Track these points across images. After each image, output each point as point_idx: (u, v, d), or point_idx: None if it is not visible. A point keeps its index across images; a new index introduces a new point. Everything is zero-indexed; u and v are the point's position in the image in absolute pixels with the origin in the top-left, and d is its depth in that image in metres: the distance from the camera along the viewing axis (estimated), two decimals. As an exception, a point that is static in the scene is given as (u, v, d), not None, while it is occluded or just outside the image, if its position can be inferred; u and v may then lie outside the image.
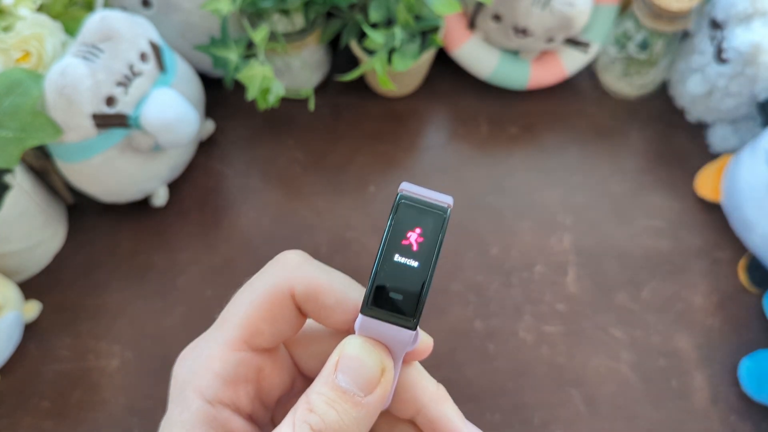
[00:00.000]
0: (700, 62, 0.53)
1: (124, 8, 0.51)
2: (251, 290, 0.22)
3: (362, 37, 0.54)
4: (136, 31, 0.46)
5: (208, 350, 0.21)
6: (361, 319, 0.20)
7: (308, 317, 0.23)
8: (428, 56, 0.54)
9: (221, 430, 0.21)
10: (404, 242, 0.19)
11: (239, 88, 0.55)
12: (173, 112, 0.46)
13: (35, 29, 0.45)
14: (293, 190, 0.55)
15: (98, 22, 0.44)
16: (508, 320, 0.50)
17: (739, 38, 0.48)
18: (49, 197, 0.51)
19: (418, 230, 0.20)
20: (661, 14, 0.50)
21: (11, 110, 0.42)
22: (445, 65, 0.59)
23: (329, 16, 0.55)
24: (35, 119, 0.43)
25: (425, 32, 0.54)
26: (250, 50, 0.52)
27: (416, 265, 0.19)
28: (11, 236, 0.47)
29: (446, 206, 0.20)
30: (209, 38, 0.52)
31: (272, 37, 0.52)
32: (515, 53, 0.57)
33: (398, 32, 0.50)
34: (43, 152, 0.50)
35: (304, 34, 0.53)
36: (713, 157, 0.56)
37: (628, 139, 0.58)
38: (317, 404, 0.19)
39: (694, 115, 0.57)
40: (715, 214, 0.53)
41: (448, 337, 0.49)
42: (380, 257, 0.19)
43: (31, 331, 0.49)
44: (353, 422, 0.19)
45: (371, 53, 0.53)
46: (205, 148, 0.57)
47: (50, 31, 0.46)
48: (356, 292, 0.22)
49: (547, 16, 0.52)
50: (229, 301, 0.23)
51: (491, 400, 0.47)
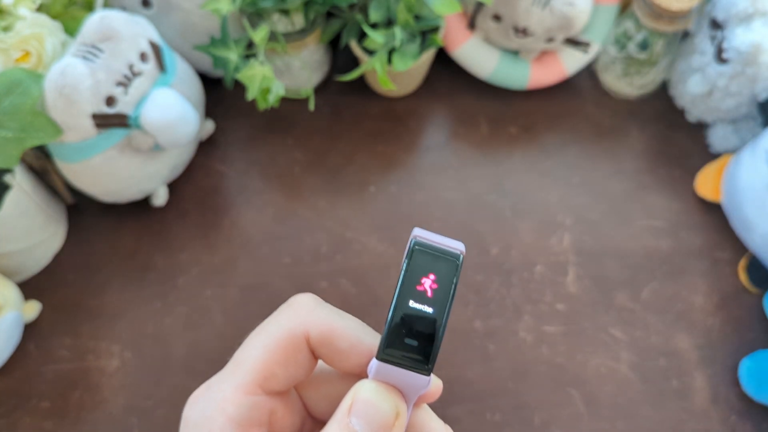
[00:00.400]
0: (700, 62, 0.53)
1: (124, 8, 0.51)
2: (265, 334, 0.22)
3: (362, 37, 0.54)
4: (135, 31, 0.46)
5: (221, 393, 0.21)
6: (376, 364, 0.20)
7: (320, 360, 0.23)
8: (428, 56, 0.54)
9: None
10: (419, 288, 0.20)
11: (239, 88, 0.55)
12: (173, 112, 0.46)
13: (35, 29, 0.45)
14: (293, 190, 0.55)
15: (98, 22, 0.44)
16: (508, 320, 0.50)
17: (739, 38, 0.48)
18: (49, 197, 0.51)
19: (432, 276, 0.20)
20: (661, 14, 0.50)
21: (11, 110, 0.42)
22: (445, 65, 0.59)
23: (329, 16, 0.55)
24: (35, 119, 0.43)
25: (425, 32, 0.54)
26: (250, 50, 0.52)
27: (431, 311, 0.20)
28: (11, 236, 0.47)
29: (459, 253, 0.20)
30: (209, 38, 0.52)
31: (272, 37, 0.52)
32: (515, 53, 0.57)
33: (398, 32, 0.50)
34: (43, 152, 0.50)
35: (304, 34, 0.53)
36: (713, 157, 0.56)
37: (628, 139, 0.58)
38: None
39: (694, 115, 0.57)
40: (715, 214, 0.53)
41: (448, 337, 0.49)
42: (395, 303, 0.20)
43: (30, 331, 0.49)
44: None
45: (371, 53, 0.53)
46: (205, 148, 0.57)
47: (50, 30, 0.46)
48: (369, 336, 0.22)
49: (547, 16, 0.52)
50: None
51: (491, 400, 0.47)
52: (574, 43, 0.55)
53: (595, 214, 0.54)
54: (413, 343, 0.20)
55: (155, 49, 0.47)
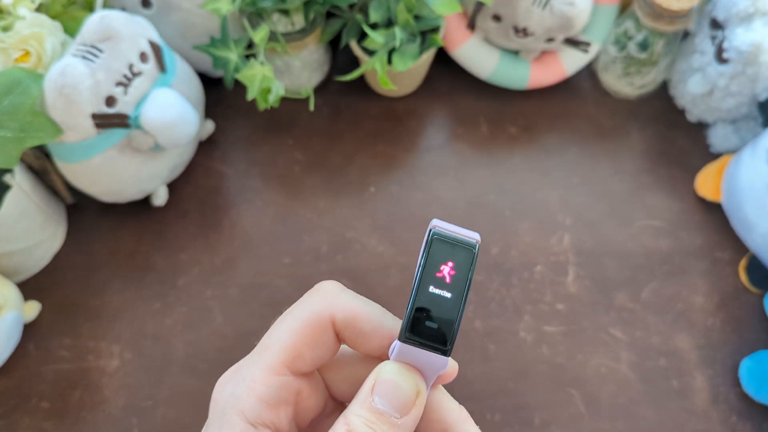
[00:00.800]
0: (700, 62, 0.53)
1: (123, 8, 0.51)
2: (293, 317, 0.23)
3: (362, 37, 0.54)
4: (135, 30, 0.46)
5: (251, 374, 0.23)
6: (398, 345, 0.21)
7: (343, 343, 0.24)
8: (428, 56, 0.54)
9: None
10: (438, 275, 0.21)
11: (239, 88, 0.55)
12: (173, 112, 0.46)
13: (34, 29, 0.45)
14: (293, 190, 0.55)
15: (98, 22, 0.44)
16: (508, 320, 0.50)
17: (739, 38, 0.48)
18: (48, 197, 0.51)
19: (450, 263, 0.21)
20: (661, 14, 0.50)
21: (11, 110, 0.42)
22: (445, 65, 0.59)
23: (329, 15, 0.55)
24: (35, 119, 0.43)
25: (425, 32, 0.54)
26: (250, 50, 0.52)
27: (450, 296, 0.21)
28: (11, 236, 0.47)
29: (475, 242, 0.22)
30: (209, 38, 0.52)
31: (272, 37, 0.52)
32: (515, 53, 0.57)
33: (398, 32, 0.50)
34: (43, 152, 0.50)
35: (304, 34, 0.53)
36: (714, 157, 0.56)
37: (628, 139, 0.58)
38: (356, 425, 0.21)
39: (694, 114, 0.57)
40: (715, 214, 0.53)
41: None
42: (416, 288, 0.21)
43: (30, 331, 0.49)
44: None
45: (371, 53, 0.53)
46: (205, 148, 0.57)
47: (50, 30, 0.46)
48: (390, 320, 0.23)
49: (547, 16, 0.52)
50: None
51: (491, 400, 0.47)
52: (574, 43, 0.55)
53: (595, 214, 0.54)
54: (433, 326, 0.21)
55: (155, 49, 0.47)
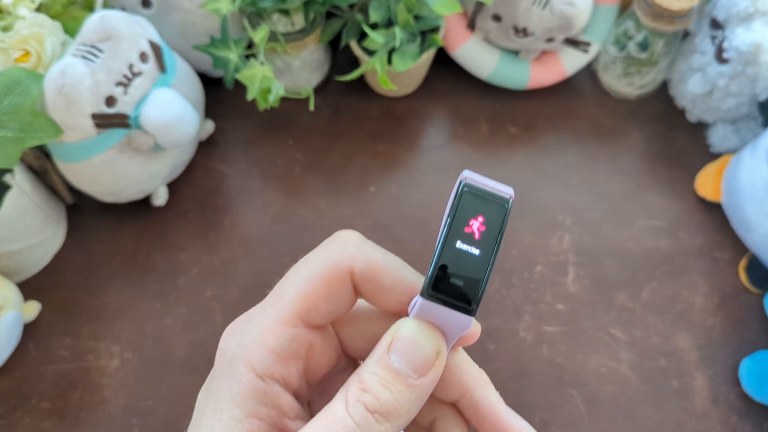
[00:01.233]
0: (700, 62, 0.53)
1: (123, 8, 0.51)
2: (309, 266, 0.22)
3: (362, 37, 0.54)
4: (135, 30, 0.46)
5: (261, 324, 0.21)
6: (420, 301, 0.20)
7: (361, 297, 0.23)
8: (428, 56, 0.54)
9: (271, 405, 0.21)
10: (467, 230, 0.20)
11: (239, 88, 0.55)
12: (173, 112, 0.46)
13: (34, 29, 0.45)
14: (293, 190, 0.55)
15: (98, 21, 0.44)
16: (508, 320, 0.50)
17: (739, 38, 0.48)
18: (48, 197, 0.51)
19: (480, 218, 0.20)
20: (661, 14, 0.50)
21: (11, 110, 0.42)
22: (445, 65, 0.59)
23: (329, 15, 0.55)
24: (35, 119, 0.43)
25: (425, 32, 0.54)
26: (250, 50, 0.52)
27: (478, 252, 0.20)
28: (11, 236, 0.47)
29: (508, 197, 0.20)
30: (209, 38, 0.52)
31: (272, 37, 0.52)
32: (515, 53, 0.57)
33: (398, 32, 0.50)
34: (43, 152, 0.50)
35: (304, 34, 0.53)
36: (714, 157, 0.56)
37: (628, 139, 0.58)
38: (371, 383, 0.19)
39: (694, 114, 0.57)
40: (715, 214, 0.53)
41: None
42: (442, 243, 0.19)
43: (30, 331, 0.49)
44: (407, 403, 0.19)
45: (371, 53, 0.53)
46: (205, 148, 0.57)
47: (50, 30, 0.46)
48: (412, 275, 0.22)
49: (547, 16, 0.52)
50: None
51: (491, 400, 0.47)
52: (574, 43, 0.55)
53: (595, 214, 0.54)
54: (458, 283, 0.20)
55: (155, 49, 0.47)
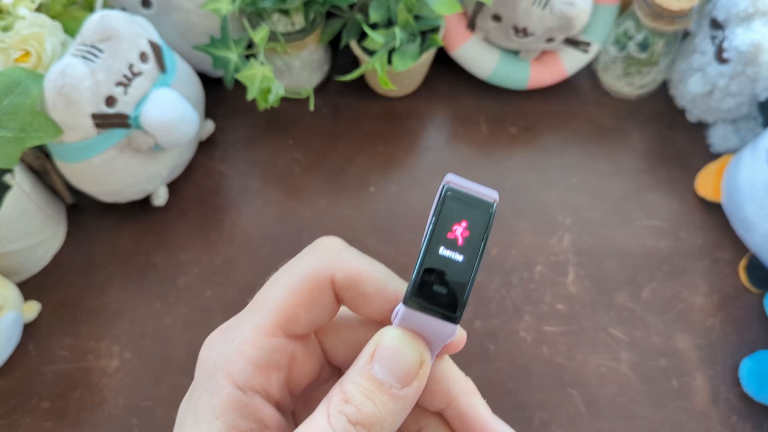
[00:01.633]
0: (700, 62, 0.53)
1: (123, 8, 0.51)
2: (289, 275, 0.21)
3: (362, 37, 0.54)
4: (135, 30, 0.46)
5: (241, 335, 0.21)
6: (402, 310, 0.19)
7: (343, 305, 0.22)
8: (428, 56, 0.54)
9: (252, 417, 0.20)
10: (450, 235, 0.19)
11: (239, 88, 0.55)
12: (173, 112, 0.46)
13: (34, 29, 0.45)
14: (293, 190, 0.55)
15: (98, 22, 0.44)
16: (508, 320, 0.50)
17: (739, 38, 0.48)
18: (48, 197, 0.51)
19: (464, 224, 0.19)
20: (661, 14, 0.50)
21: (11, 110, 0.42)
22: (445, 65, 0.59)
23: (329, 15, 0.55)
24: (35, 119, 0.43)
25: (425, 32, 0.54)
26: (250, 50, 0.52)
27: (461, 259, 0.19)
28: (11, 236, 0.47)
29: (492, 201, 0.20)
30: (209, 38, 0.52)
31: (272, 37, 0.52)
32: (515, 53, 0.57)
33: (398, 32, 0.50)
34: (43, 152, 0.50)
35: (304, 34, 0.53)
36: (714, 157, 0.56)
37: (628, 139, 0.58)
38: (353, 394, 0.19)
39: (694, 114, 0.57)
40: (715, 214, 0.53)
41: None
42: (425, 249, 0.19)
43: (30, 331, 0.49)
44: (390, 414, 0.19)
45: (371, 53, 0.53)
46: (205, 148, 0.57)
47: (50, 30, 0.46)
48: (395, 282, 0.21)
49: (547, 16, 0.52)
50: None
51: (491, 400, 0.47)
52: (574, 43, 0.55)
53: (595, 214, 0.54)
54: (442, 290, 0.19)
55: (155, 49, 0.47)
